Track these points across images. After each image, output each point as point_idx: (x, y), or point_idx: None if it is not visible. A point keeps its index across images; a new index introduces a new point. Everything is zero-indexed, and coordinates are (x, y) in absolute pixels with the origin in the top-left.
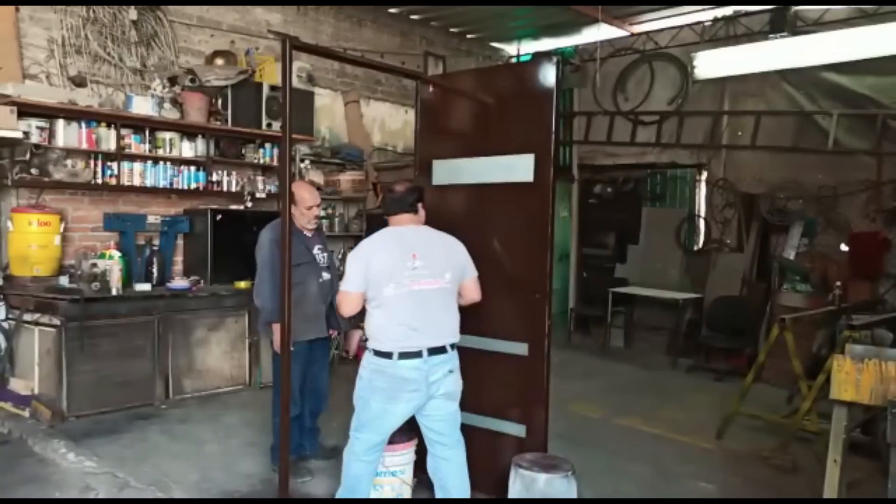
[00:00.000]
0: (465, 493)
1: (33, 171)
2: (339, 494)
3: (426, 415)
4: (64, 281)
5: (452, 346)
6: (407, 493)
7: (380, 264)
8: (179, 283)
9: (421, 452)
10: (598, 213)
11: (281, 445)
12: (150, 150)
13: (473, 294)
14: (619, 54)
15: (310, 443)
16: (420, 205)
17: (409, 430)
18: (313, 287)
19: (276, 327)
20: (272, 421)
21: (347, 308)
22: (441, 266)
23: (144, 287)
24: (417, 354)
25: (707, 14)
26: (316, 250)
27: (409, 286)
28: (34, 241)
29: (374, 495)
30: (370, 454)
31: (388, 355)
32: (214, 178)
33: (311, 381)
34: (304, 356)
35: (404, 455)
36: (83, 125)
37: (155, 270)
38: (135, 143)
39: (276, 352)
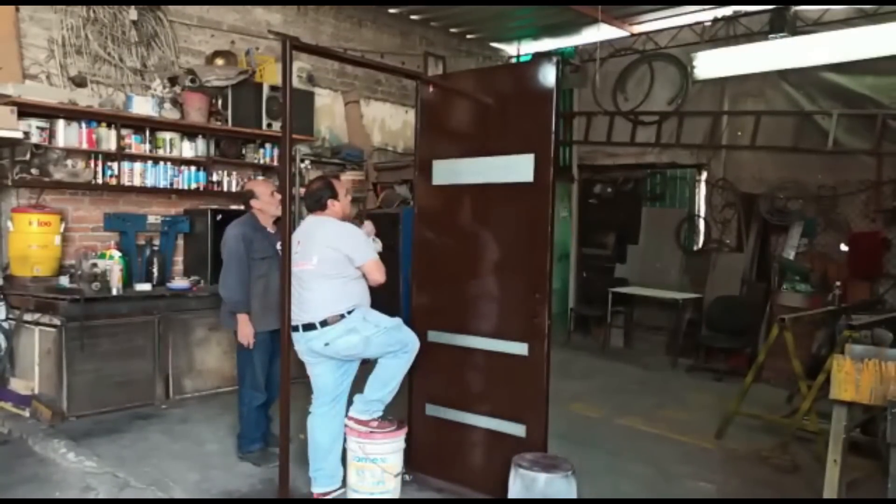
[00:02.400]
0: (375, 375)
1: (33, 171)
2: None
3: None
4: (64, 281)
5: (323, 322)
6: (391, 483)
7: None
8: (180, 283)
9: (408, 442)
10: (598, 213)
11: (280, 444)
12: (150, 151)
13: (371, 276)
14: (619, 54)
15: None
16: (331, 201)
17: (394, 420)
18: (277, 280)
19: (242, 317)
20: (238, 410)
21: None
22: (311, 250)
23: (145, 287)
24: (296, 328)
25: (707, 14)
26: (279, 246)
27: (294, 268)
28: (34, 241)
29: (354, 479)
30: (315, 408)
31: None
32: (215, 178)
33: (273, 370)
34: (268, 346)
35: (385, 444)
36: (83, 125)
37: (155, 270)
38: (135, 144)
39: (239, 343)
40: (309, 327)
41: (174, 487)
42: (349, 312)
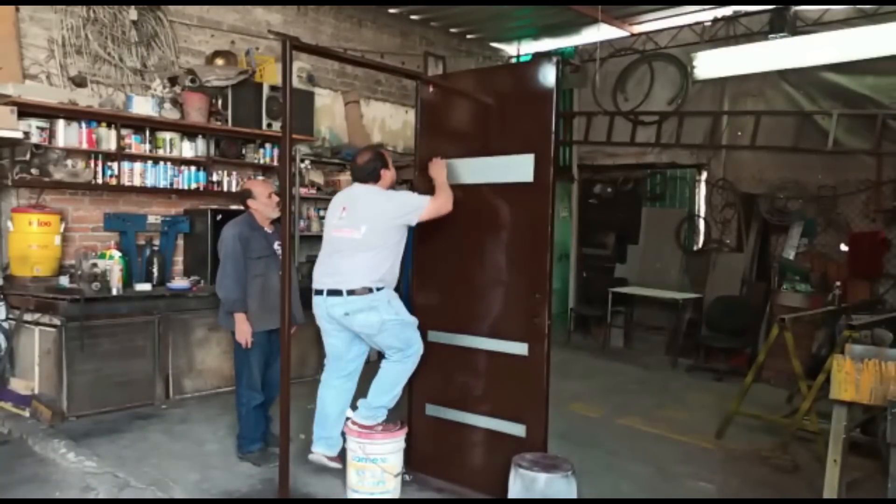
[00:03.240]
0: (378, 380)
1: (34, 171)
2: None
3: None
4: (64, 281)
5: (350, 291)
6: (391, 484)
7: (327, 213)
8: (179, 283)
9: (408, 442)
10: (598, 213)
11: (280, 444)
12: (150, 151)
13: (440, 214)
14: (619, 54)
15: (269, 431)
16: (382, 171)
17: (395, 420)
18: (274, 279)
19: (239, 317)
20: (237, 410)
21: None
22: (359, 219)
23: (145, 287)
24: (320, 292)
25: (707, 14)
26: (276, 245)
27: (332, 232)
28: (34, 241)
29: (354, 480)
30: (328, 378)
31: None
32: (215, 178)
33: (275, 368)
34: (265, 346)
35: (385, 444)
36: (83, 125)
37: (155, 270)
38: (135, 144)
39: (236, 342)
40: (334, 293)
41: (174, 487)
42: (378, 289)
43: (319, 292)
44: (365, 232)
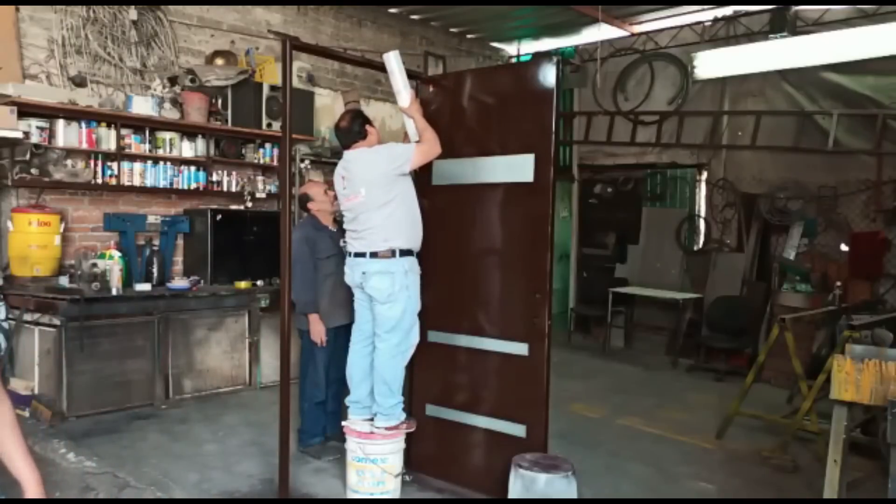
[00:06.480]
0: (377, 378)
1: (33, 171)
2: None
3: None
4: (64, 281)
5: (374, 254)
6: (391, 484)
7: (335, 188)
8: (179, 283)
9: (408, 443)
10: (598, 213)
11: (280, 445)
12: (150, 150)
13: (429, 157)
14: (619, 54)
15: (331, 425)
16: (367, 128)
17: (413, 419)
18: (343, 276)
19: (313, 317)
20: (300, 405)
21: None
22: (357, 184)
23: (144, 287)
24: (349, 254)
25: (707, 14)
26: (342, 243)
27: (343, 203)
28: (34, 241)
29: (354, 480)
30: (352, 343)
31: None
32: (214, 178)
33: (338, 365)
34: (331, 343)
35: (385, 444)
36: (83, 125)
37: (155, 270)
38: (135, 143)
39: (310, 340)
40: (360, 255)
41: (174, 487)
42: (401, 254)
43: (349, 254)
44: (365, 194)
